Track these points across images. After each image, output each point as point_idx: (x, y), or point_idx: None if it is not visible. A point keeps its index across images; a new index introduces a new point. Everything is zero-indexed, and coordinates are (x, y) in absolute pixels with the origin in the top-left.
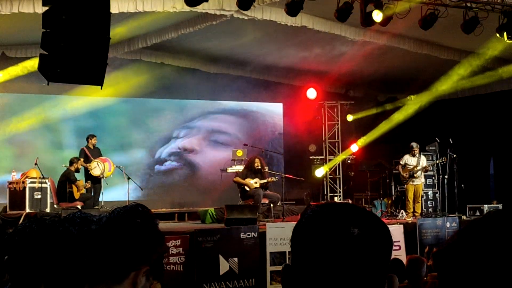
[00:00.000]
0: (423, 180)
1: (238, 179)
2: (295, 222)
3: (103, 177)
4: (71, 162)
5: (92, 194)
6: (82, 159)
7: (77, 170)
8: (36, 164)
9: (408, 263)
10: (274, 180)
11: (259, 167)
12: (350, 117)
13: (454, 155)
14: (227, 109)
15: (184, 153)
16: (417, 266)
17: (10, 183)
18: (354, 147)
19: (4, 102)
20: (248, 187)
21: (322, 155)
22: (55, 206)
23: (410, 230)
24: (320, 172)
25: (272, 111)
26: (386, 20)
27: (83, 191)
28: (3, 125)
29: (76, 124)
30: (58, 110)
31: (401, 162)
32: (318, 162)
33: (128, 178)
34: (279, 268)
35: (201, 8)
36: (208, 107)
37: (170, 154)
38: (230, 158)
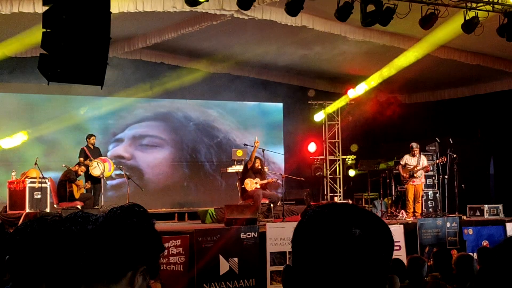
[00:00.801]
0: (423, 180)
1: (253, 154)
2: (295, 222)
3: (103, 177)
4: (77, 163)
5: (92, 194)
6: (81, 159)
7: (77, 174)
8: (36, 164)
9: (409, 263)
10: (275, 181)
11: (259, 167)
12: (350, 117)
13: (454, 155)
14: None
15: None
16: (418, 266)
17: (10, 183)
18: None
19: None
20: (250, 185)
21: (322, 155)
22: (55, 206)
23: (410, 230)
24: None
25: (272, 111)
26: (387, 20)
27: (83, 191)
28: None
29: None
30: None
31: (401, 162)
32: (318, 162)
33: (128, 178)
34: (279, 268)
35: (201, 8)
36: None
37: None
38: None
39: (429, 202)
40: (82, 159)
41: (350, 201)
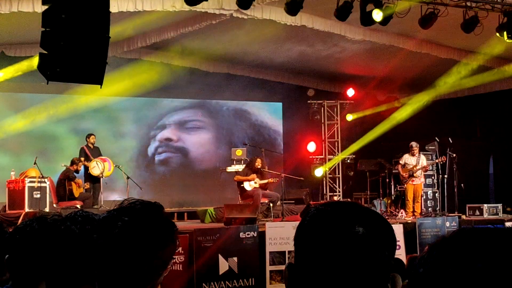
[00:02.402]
0: (422, 179)
1: (239, 177)
2: (295, 222)
3: (102, 177)
4: (72, 162)
5: (92, 193)
6: (83, 159)
7: (77, 171)
8: (35, 163)
9: (409, 263)
10: (274, 181)
11: (259, 166)
12: (349, 117)
13: (454, 155)
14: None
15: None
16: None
17: (9, 182)
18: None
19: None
20: (249, 184)
21: (322, 155)
22: (54, 205)
23: (409, 230)
24: (319, 172)
25: (271, 110)
26: (386, 20)
27: (82, 190)
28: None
29: (74, 123)
30: (57, 109)
31: (400, 162)
32: (317, 162)
33: (128, 178)
34: (279, 267)
35: (201, 7)
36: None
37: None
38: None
39: (428, 201)
40: (83, 158)
41: (349, 200)
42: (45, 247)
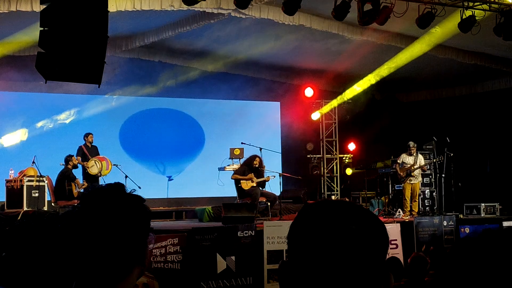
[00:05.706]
0: (420, 179)
1: (237, 176)
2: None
3: (100, 176)
4: (67, 161)
5: None
6: (79, 157)
7: (75, 166)
8: (34, 162)
9: (411, 262)
10: (272, 178)
11: (257, 165)
12: (347, 116)
13: (451, 154)
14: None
15: None
16: (420, 264)
17: (7, 181)
18: (352, 146)
19: None
20: (246, 184)
21: (320, 154)
22: (52, 204)
23: (407, 229)
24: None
25: (269, 109)
26: (384, 19)
27: (81, 189)
28: None
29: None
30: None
31: (398, 161)
32: (315, 161)
33: (126, 177)
34: (277, 266)
35: (199, 6)
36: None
37: None
38: None
39: (426, 200)
40: (80, 157)
41: (346, 199)
42: (41, 245)
